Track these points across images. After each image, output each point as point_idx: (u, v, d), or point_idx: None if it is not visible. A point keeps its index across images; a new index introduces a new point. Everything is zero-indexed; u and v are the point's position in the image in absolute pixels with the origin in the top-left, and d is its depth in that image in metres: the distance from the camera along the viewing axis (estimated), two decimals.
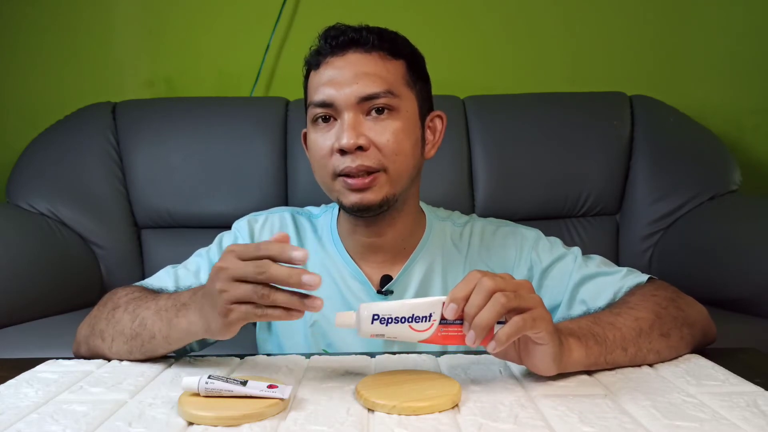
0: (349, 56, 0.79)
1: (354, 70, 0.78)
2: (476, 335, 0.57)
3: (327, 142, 0.79)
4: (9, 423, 0.53)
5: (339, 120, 0.79)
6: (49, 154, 1.67)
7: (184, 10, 1.90)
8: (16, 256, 1.42)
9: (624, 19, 1.93)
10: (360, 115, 0.78)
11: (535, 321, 0.57)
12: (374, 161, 0.78)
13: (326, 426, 0.52)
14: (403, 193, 0.82)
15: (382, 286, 0.86)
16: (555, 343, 0.60)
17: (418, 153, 0.84)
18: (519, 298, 0.57)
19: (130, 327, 0.71)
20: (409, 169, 0.81)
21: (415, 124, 0.82)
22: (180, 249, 1.16)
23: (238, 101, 1.79)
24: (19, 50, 1.90)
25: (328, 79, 0.79)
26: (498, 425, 0.52)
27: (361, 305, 0.59)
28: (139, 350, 0.71)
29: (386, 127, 0.78)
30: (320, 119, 0.80)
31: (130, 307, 0.74)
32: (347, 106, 0.78)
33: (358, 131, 0.77)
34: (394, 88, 0.79)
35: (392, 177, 0.79)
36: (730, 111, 1.95)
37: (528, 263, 0.86)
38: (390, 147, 0.78)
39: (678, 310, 0.72)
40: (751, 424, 0.52)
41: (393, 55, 0.81)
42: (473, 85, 1.87)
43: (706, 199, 1.65)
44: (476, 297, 0.57)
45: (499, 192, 1.67)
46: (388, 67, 0.80)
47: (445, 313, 0.58)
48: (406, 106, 0.80)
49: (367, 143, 0.77)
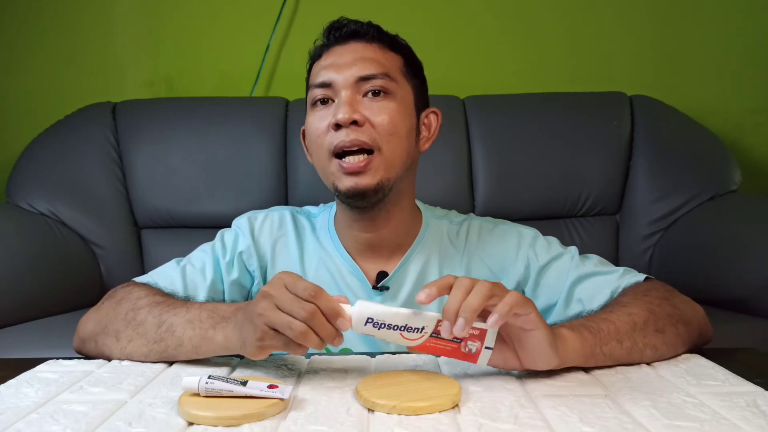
0: (350, 45, 0.84)
1: (353, 56, 0.82)
2: (465, 321, 0.57)
3: (324, 121, 0.81)
4: (9, 423, 0.53)
5: (336, 100, 0.81)
6: (49, 154, 1.67)
7: (184, 10, 1.90)
8: (16, 256, 1.42)
9: (624, 19, 1.93)
10: (357, 95, 0.81)
11: (522, 302, 0.59)
12: (368, 137, 0.79)
13: (326, 426, 0.52)
14: (397, 182, 0.83)
15: (378, 282, 0.86)
16: (546, 326, 0.61)
17: (413, 141, 0.85)
18: (499, 288, 0.59)
19: (155, 331, 0.71)
20: (403, 154, 0.82)
21: (410, 112, 0.84)
22: (180, 249, 1.16)
23: (238, 101, 1.79)
24: (19, 50, 1.90)
25: (329, 64, 0.83)
26: (498, 425, 0.52)
27: (358, 302, 0.60)
28: (159, 355, 0.71)
29: (382, 107, 0.81)
30: (319, 102, 0.83)
31: (155, 311, 0.73)
32: (345, 86, 0.81)
33: (353, 107, 0.79)
34: (391, 72, 0.83)
35: (387, 159, 0.80)
36: (730, 111, 1.95)
37: (525, 261, 0.87)
38: (385, 126, 0.80)
39: (672, 308, 0.72)
40: (751, 424, 0.52)
41: (391, 48, 0.86)
42: (473, 85, 1.87)
43: (706, 199, 1.65)
44: (457, 291, 0.58)
45: (499, 192, 1.67)
46: (386, 56, 0.84)
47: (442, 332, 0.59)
48: (401, 93, 0.83)
49: (363, 119, 0.79)
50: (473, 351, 0.61)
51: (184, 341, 0.69)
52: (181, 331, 0.69)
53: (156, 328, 0.71)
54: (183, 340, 0.69)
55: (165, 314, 0.72)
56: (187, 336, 0.69)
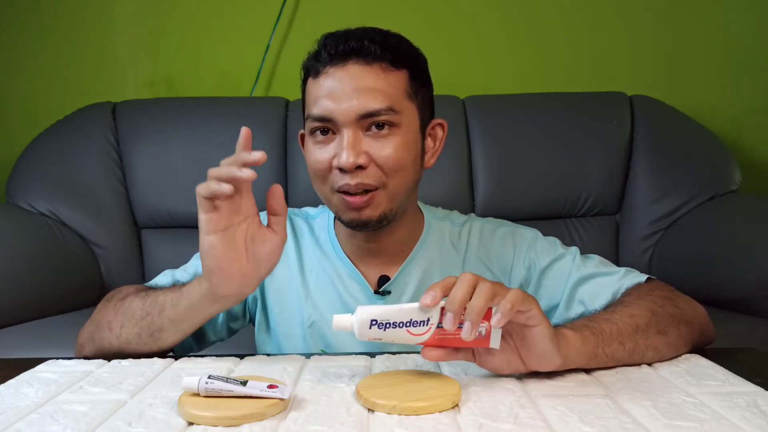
0: (350, 68, 0.77)
1: (354, 84, 0.76)
2: (472, 325, 0.57)
3: (325, 155, 0.78)
4: (9, 423, 0.53)
5: (338, 135, 0.77)
6: (49, 154, 1.67)
7: (184, 10, 1.90)
8: (16, 256, 1.42)
9: (624, 19, 1.93)
10: (359, 131, 0.76)
11: (524, 298, 0.58)
12: (374, 179, 0.77)
13: (326, 426, 0.52)
14: (401, 206, 0.82)
15: (379, 286, 0.86)
16: (548, 323, 0.60)
17: (418, 166, 0.83)
18: (500, 287, 0.59)
19: (141, 308, 0.73)
20: (408, 185, 0.81)
21: (416, 138, 0.81)
22: (180, 249, 1.16)
23: (238, 101, 1.79)
24: (19, 50, 1.90)
25: (327, 92, 0.77)
26: (498, 425, 0.52)
27: (359, 308, 0.59)
28: (148, 330, 0.72)
29: (386, 143, 0.77)
30: (318, 132, 0.79)
31: (141, 293, 0.76)
32: (346, 123, 0.76)
33: (357, 150, 0.76)
34: (396, 103, 0.77)
35: (390, 193, 0.79)
36: (730, 111, 1.95)
37: (526, 263, 0.86)
38: (390, 164, 0.77)
39: (675, 308, 0.72)
40: (751, 424, 0.51)
41: (395, 65, 0.78)
42: (473, 85, 1.87)
43: (706, 199, 1.65)
44: (459, 287, 0.58)
45: (499, 192, 1.67)
46: (389, 80, 0.77)
47: (444, 324, 0.58)
48: (407, 120, 0.79)
49: (367, 161, 0.76)
50: (483, 334, 0.60)
51: (165, 305, 0.71)
52: (163, 297, 0.72)
53: (142, 305, 0.73)
54: (165, 305, 0.71)
55: (150, 294, 0.74)
56: (168, 298, 0.71)
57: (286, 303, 0.87)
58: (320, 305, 0.86)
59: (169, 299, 0.71)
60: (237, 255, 0.65)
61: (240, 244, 0.65)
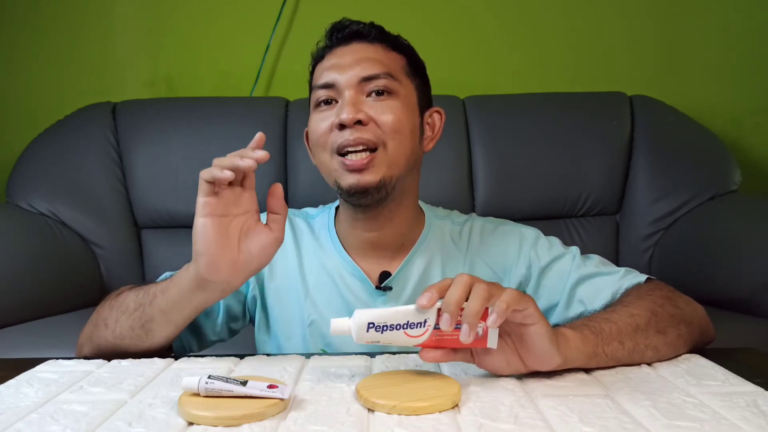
0: (353, 45, 0.84)
1: (356, 56, 0.82)
2: (469, 327, 0.57)
3: (327, 121, 0.81)
4: (9, 423, 0.53)
5: (340, 101, 0.81)
6: (49, 154, 1.67)
7: (184, 10, 1.90)
8: (16, 256, 1.42)
9: (624, 19, 1.93)
10: (360, 95, 0.81)
11: (519, 297, 0.58)
12: (373, 135, 0.79)
13: (326, 426, 0.52)
14: (401, 180, 0.83)
15: (380, 282, 0.86)
16: (545, 321, 0.60)
17: (417, 140, 0.85)
18: (496, 287, 0.59)
19: (134, 300, 0.73)
20: (407, 152, 0.82)
21: (414, 111, 0.84)
22: (180, 249, 1.17)
23: (238, 101, 1.79)
24: (19, 50, 1.90)
25: (332, 65, 0.83)
26: (498, 425, 0.52)
27: (356, 312, 0.60)
28: (140, 321, 0.72)
29: (386, 106, 0.81)
30: (322, 103, 0.83)
31: (136, 289, 0.76)
32: (348, 86, 0.80)
33: (357, 107, 0.79)
34: (394, 72, 0.82)
35: (390, 156, 0.80)
36: (730, 111, 1.95)
37: (527, 262, 0.86)
38: (389, 124, 0.80)
39: (675, 308, 0.72)
40: (751, 424, 0.51)
41: (394, 49, 0.85)
42: (473, 85, 1.87)
43: (706, 199, 1.65)
44: (455, 289, 0.58)
45: (499, 192, 1.67)
46: (389, 56, 0.84)
47: (441, 325, 0.58)
48: (405, 92, 0.83)
49: (367, 118, 0.79)
50: (480, 334, 0.60)
51: (156, 294, 0.71)
52: (155, 288, 0.72)
53: (135, 299, 0.74)
54: (156, 294, 0.72)
55: (144, 289, 0.75)
56: (159, 288, 0.72)
57: (285, 303, 0.87)
58: (320, 304, 0.86)
59: (160, 288, 0.72)
60: (228, 243, 0.66)
61: (233, 234, 0.66)
